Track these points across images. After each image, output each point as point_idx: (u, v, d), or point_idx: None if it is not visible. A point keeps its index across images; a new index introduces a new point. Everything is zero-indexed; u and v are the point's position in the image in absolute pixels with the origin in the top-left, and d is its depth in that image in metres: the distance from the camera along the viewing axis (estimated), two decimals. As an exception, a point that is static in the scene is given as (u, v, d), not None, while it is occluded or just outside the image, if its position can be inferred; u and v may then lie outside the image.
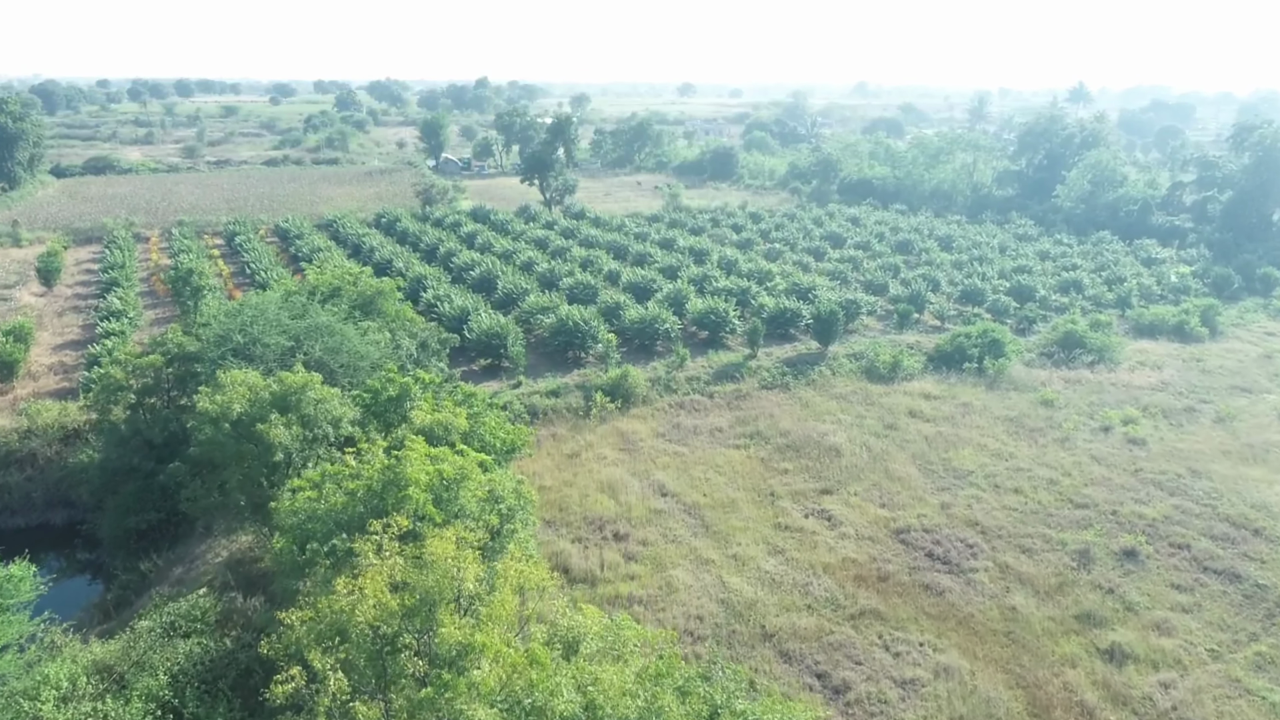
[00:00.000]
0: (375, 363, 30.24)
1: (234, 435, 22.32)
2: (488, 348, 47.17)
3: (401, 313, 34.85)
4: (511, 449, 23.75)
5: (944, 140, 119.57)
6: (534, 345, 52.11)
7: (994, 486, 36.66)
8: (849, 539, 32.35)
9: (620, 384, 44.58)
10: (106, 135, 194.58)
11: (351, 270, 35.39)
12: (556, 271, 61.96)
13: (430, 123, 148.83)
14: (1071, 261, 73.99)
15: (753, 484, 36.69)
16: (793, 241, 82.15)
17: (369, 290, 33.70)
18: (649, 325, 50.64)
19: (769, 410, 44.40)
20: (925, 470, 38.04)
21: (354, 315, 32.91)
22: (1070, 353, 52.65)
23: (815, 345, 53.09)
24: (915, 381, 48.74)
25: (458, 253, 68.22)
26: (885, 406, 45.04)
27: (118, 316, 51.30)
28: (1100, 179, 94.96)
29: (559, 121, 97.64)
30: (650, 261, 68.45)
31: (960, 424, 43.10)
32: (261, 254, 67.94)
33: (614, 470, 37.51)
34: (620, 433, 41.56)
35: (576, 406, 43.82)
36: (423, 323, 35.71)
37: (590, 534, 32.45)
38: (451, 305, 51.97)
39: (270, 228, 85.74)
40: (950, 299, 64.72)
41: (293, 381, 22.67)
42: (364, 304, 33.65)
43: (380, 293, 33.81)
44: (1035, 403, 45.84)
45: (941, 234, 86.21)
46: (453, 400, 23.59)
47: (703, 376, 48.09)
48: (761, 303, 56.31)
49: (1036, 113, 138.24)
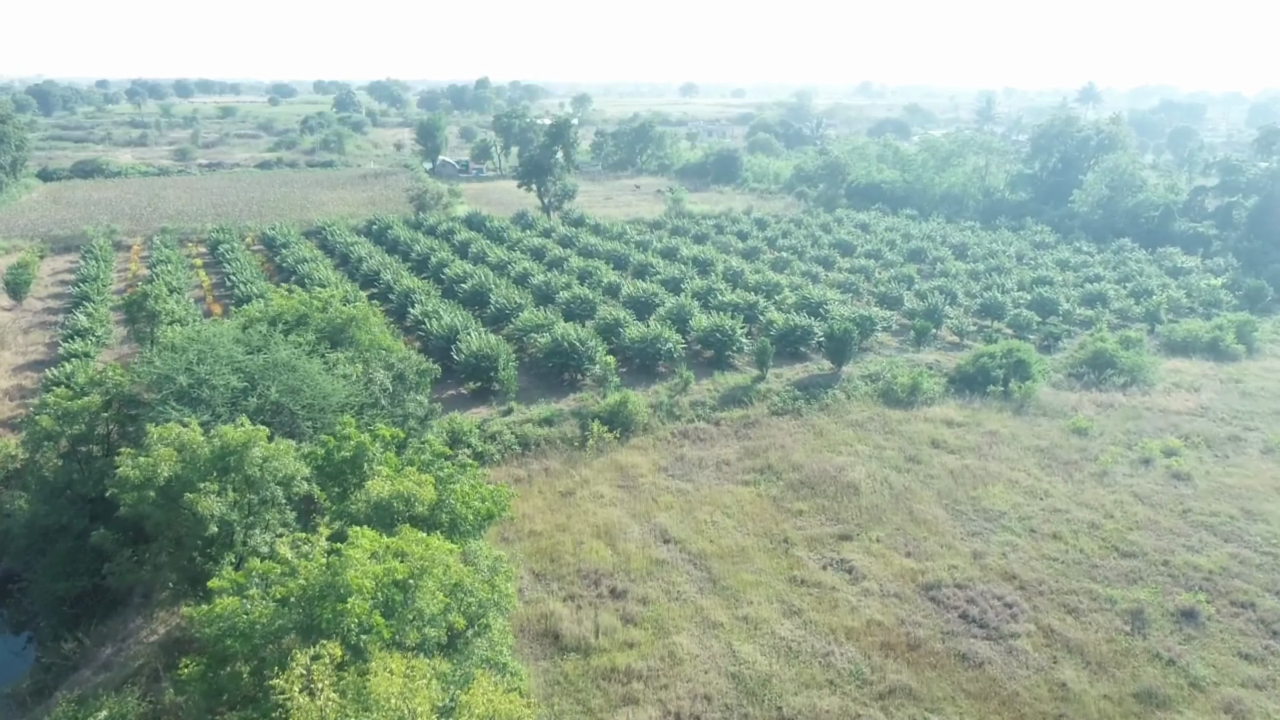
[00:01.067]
0: (343, 402, 26.94)
1: (161, 503, 19.08)
2: (477, 370, 43.87)
3: (377, 340, 31.49)
4: (489, 516, 20.45)
5: (954, 143, 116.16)
6: (528, 366, 48.84)
7: (1030, 531, 33.28)
8: (873, 596, 28.99)
9: (619, 411, 41.24)
10: (100, 137, 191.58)
11: (320, 295, 32.00)
12: (553, 284, 58.65)
13: (427, 124, 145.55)
14: (1094, 272, 70.52)
15: (764, 527, 33.35)
16: (800, 250, 78.83)
17: (339, 318, 30.35)
18: (650, 345, 47.32)
19: (780, 440, 41.04)
20: (953, 511, 34.66)
21: (322, 346, 29.61)
22: (1101, 374, 49.23)
23: (828, 365, 49.74)
24: (936, 406, 45.36)
25: (450, 264, 64.92)
26: (905, 435, 41.67)
27: (84, 335, 48.05)
28: (1119, 184, 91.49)
29: (557, 124, 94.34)
30: (652, 273, 65.13)
31: (988, 456, 39.72)
32: (244, 265, 64.68)
33: (612, 512, 34.18)
34: (619, 467, 38.22)
35: (572, 437, 40.48)
36: (401, 351, 32.36)
37: (584, 590, 29.12)
38: (440, 323, 48.68)
39: (257, 235, 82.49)
40: (968, 313, 61.37)
41: (233, 439, 19.38)
42: (334, 333, 30.31)
43: (352, 320, 30.47)
44: (1067, 431, 42.46)
45: (955, 241, 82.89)
46: (420, 460, 20.28)
47: (708, 401, 44.75)
48: (770, 319, 52.97)
49: (1050, 114, 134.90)
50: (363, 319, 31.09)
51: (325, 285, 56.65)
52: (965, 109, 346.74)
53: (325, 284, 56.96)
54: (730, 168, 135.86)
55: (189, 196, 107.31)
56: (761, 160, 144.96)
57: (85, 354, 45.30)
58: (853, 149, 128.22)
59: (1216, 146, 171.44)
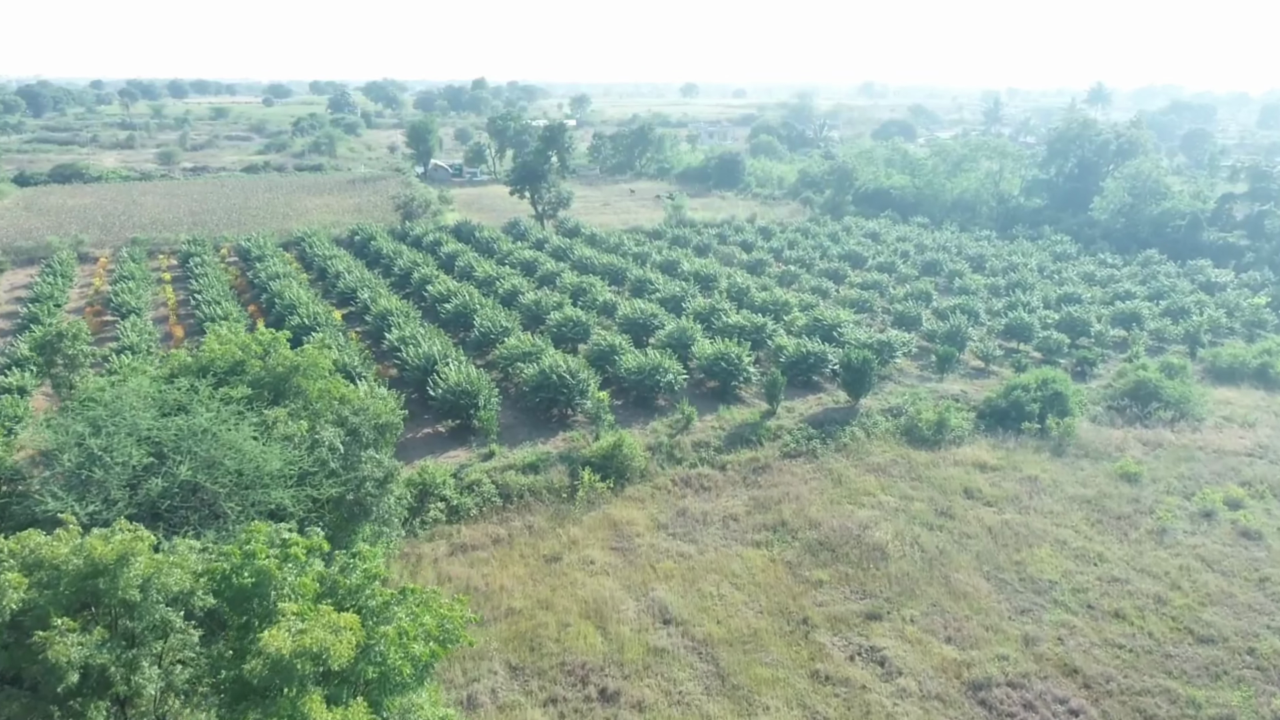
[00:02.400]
0: (280, 471, 22.43)
1: (8, 642, 14.64)
2: (455, 407, 39.34)
3: (329, 390, 26.91)
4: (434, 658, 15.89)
5: (967, 147, 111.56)
6: (513, 399, 44.32)
7: (1087, 607, 28.74)
8: (911, 698, 24.45)
9: (613, 456, 36.69)
10: (86, 140, 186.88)
11: (262, 336, 27.39)
12: (543, 304, 54.12)
13: (418, 127, 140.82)
14: (1123, 287, 65.94)
15: (779, 603, 28.81)
16: (808, 262, 74.30)
17: (282, 365, 25.79)
18: (649, 376, 42.77)
19: (794, 489, 36.48)
20: (996, 581, 30.12)
21: (261, 400, 25.11)
22: (1145, 407, 44.68)
23: (843, 397, 45.20)
24: (966, 446, 40.82)
25: (433, 280, 60.37)
26: (934, 483, 37.12)
27: (23, 365, 43.49)
28: (1142, 190, 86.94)
29: (552, 128, 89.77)
30: (650, 290, 60.58)
31: (1029, 508, 35.19)
32: (213, 281, 60.09)
33: (603, 583, 29.65)
34: (613, 523, 33.68)
35: (560, 486, 35.92)
36: (359, 399, 27.81)
37: (569, 691, 24.57)
38: (417, 351, 44.13)
39: (233, 246, 77.94)
40: (992, 334, 56.84)
41: (103, 554, 14.92)
42: (276, 382, 25.78)
43: (298, 368, 25.91)
44: (1114, 476, 37.92)
45: (972, 253, 78.32)
46: (346, 586, 15.74)
47: (713, 441, 40.19)
48: (779, 344, 48.41)
49: (1059, 115, 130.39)
50: (311, 366, 26.50)
51: (296, 306, 52.17)
52: (969, 109, 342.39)
53: (296, 304, 52.45)
54: (732, 172, 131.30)
55: (168, 203, 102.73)
56: (765, 164, 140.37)
57: (21, 389, 40.79)
58: (860, 153, 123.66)
59: (1231, 149, 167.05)
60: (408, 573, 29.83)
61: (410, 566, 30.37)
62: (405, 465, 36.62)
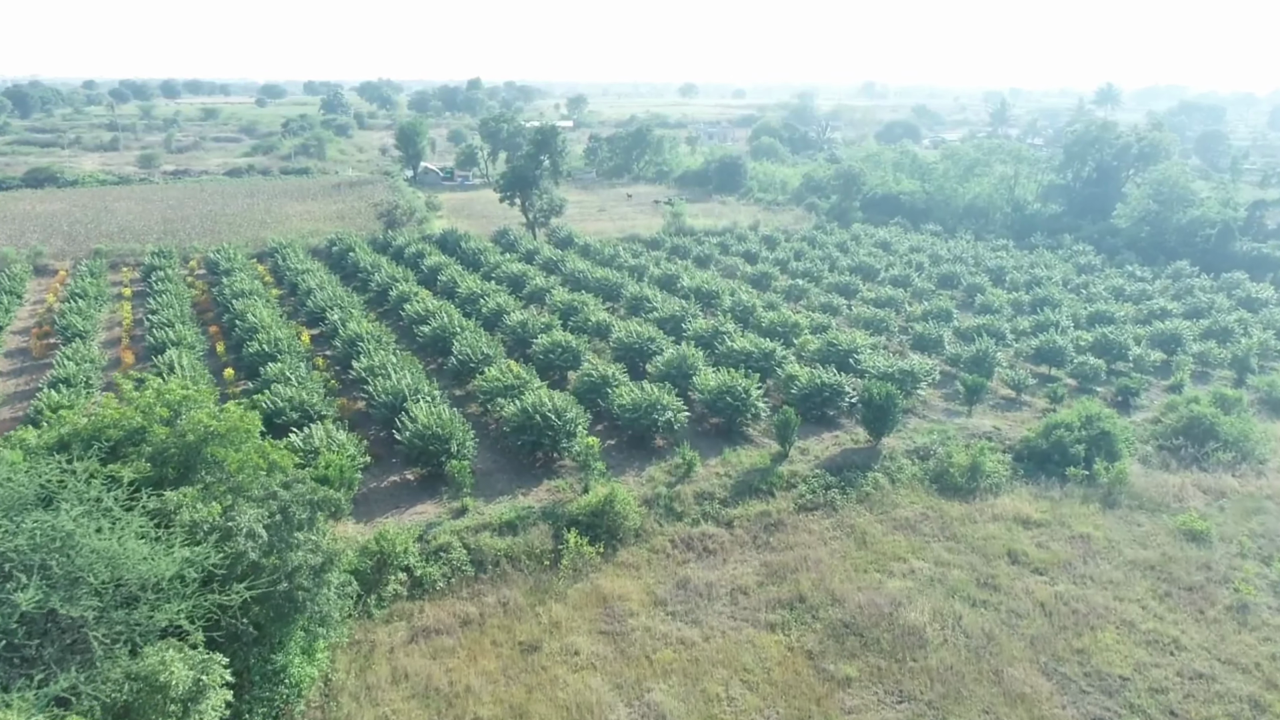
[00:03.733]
0: (177, 576, 17.62)
1: None
2: (425, 454, 34.46)
3: (251, 460, 22.02)
4: None
5: (980, 150, 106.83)
6: (493, 438, 39.50)
7: (1169, 714, 23.94)
8: None
9: (603, 513, 31.85)
10: (69, 141, 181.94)
11: (173, 394, 22.37)
12: (530, 326, 49.32)
13: (406, 129, 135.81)
14: (1157, 304, 61.20)
15: (801, 709, 23.98)
16: (816, 275, 69.50)
17: (193, 433, 20.89)
18: (645, 414, 37.91)
19: (812, 552, 31.66)
20: (1058, 678, 25.29)
21: (162, 478, 20.31)
22: (1201, 447, 39.88)
23: (862, 434, 40.38)
24: (1005, 496, 36.01)
25: (411, 298, 55.59)
26: (973, 544, 32.32)
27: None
28: (1169, 197, 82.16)
29: (543, 131, 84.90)
30: (648, 309, 55.78)
31: (1084, 577, 30.39)
32: (173, 299, 55.21)
33: (589, 682, 24.81)
34: (602, 598, 28.83)
35: (542, 551, 31.05)
36: (290, 469, 22.94)
37: (543, 842, 19.74)
38: (386, 384, 39.27)
39: (203, 257, 73.07)
40: (1020, 357, 52.11)
41: None
42: (186, 455, 20.93)
43: (213, 435, 21.02)
44: (1177, 534, 33.14)
45: (991, 264, 73.52)
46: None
47: (718, 491, 35.35)
48: (790, 373, 43.56)
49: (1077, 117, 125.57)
50: (232, 430, 21.63)
51: (258, 329, 47.36)
52: (972, 110, 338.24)
53: (258, 327, 47.64)
54: (734, 176, 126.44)
55: (141, 209, 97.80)
56: (767, 167, 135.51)
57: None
58: (867, 156, 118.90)
59: (1245, 151, 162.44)
60: (355, 669, 25.01)
61: (360, 659, 25.52)
62: (364, 524, 31.93)
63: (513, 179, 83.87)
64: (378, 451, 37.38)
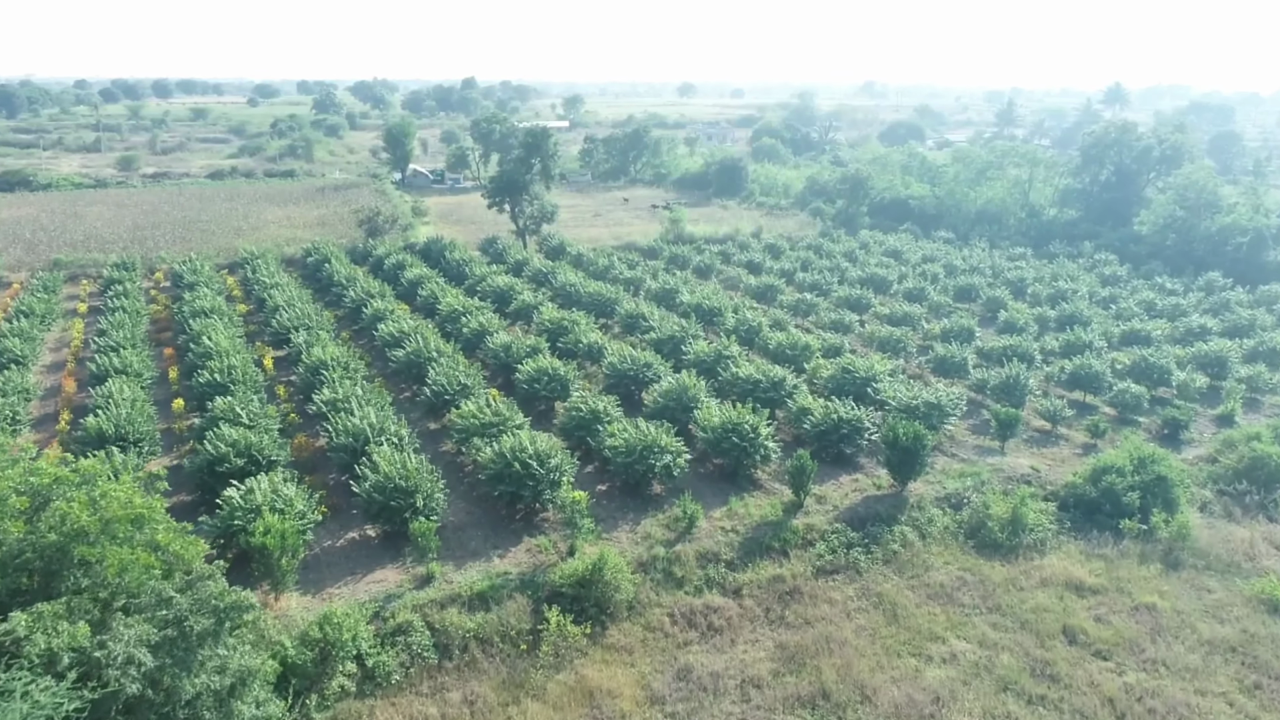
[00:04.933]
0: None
1: None
2: (385, 510, 29.81)
3: (143, 557, 17.39)
4: None
5: (992, 152, 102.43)
6: (468, 484, 34.91)
7: None
8: None
9: (591, 583, 27.28)
10: (50, 143, 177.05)
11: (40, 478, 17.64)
12: (514, 351, 44.76)
13: (394, 130, 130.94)
14: (1195, 321, 56.70)
15: None
16: (825, 288, 64.96)
17: (58, 532, 16.13)
18: (640, 459, 33.31)
19: (835, 629, 27.09)
20: (1141, 807, 20.76)
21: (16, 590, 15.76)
22: (1268, 493, 35.38)
23: (885, 478, 35.81)
24: (1051, 555, 31.51)
25: (387, 316, 51.03)
26: (1021, 618, 27.78)
27: None
28: (1196, 203, 77.68)
29: (534, 133, 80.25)
30: (644, 328, 51.24)
31: (1155, 662, 25.86)
32: (125, 318, 50.57)
33: (570, 816, 20.26)
34: (588, 695, 24.25)
35: (518, 630, 26.45)
36: (199, 559, 18.38)
37: None
38: (347, 422, 34.64)
39: (169, 270, 68.43)
40: (1052, 382, 47.60)
41: None
42: (48, 560, 16.20)
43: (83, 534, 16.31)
44: (1255, 604, 28.67)
45: (1011, 276, 69.01)
46: None
47: (724, 551, 30.79)
48: (802, 407, 38.95)
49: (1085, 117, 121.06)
50: (115, 521, 17.00)
51: (215, 354, 42.71)
52: (974, 110, 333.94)
53: (215, 352, 43.01)
54: (734, 178, 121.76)
55: (113, 215, 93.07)
56: (769, 170, 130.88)
57: None
58: (873, 159, 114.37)
59: (1256, 152, 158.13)
60: (284, 800, 20.43)
61: (291, 784, 20.98)
62: (311, 596, 27.33)
63: (501, 184, 79.27)
64: (336, 500, 32.84)
